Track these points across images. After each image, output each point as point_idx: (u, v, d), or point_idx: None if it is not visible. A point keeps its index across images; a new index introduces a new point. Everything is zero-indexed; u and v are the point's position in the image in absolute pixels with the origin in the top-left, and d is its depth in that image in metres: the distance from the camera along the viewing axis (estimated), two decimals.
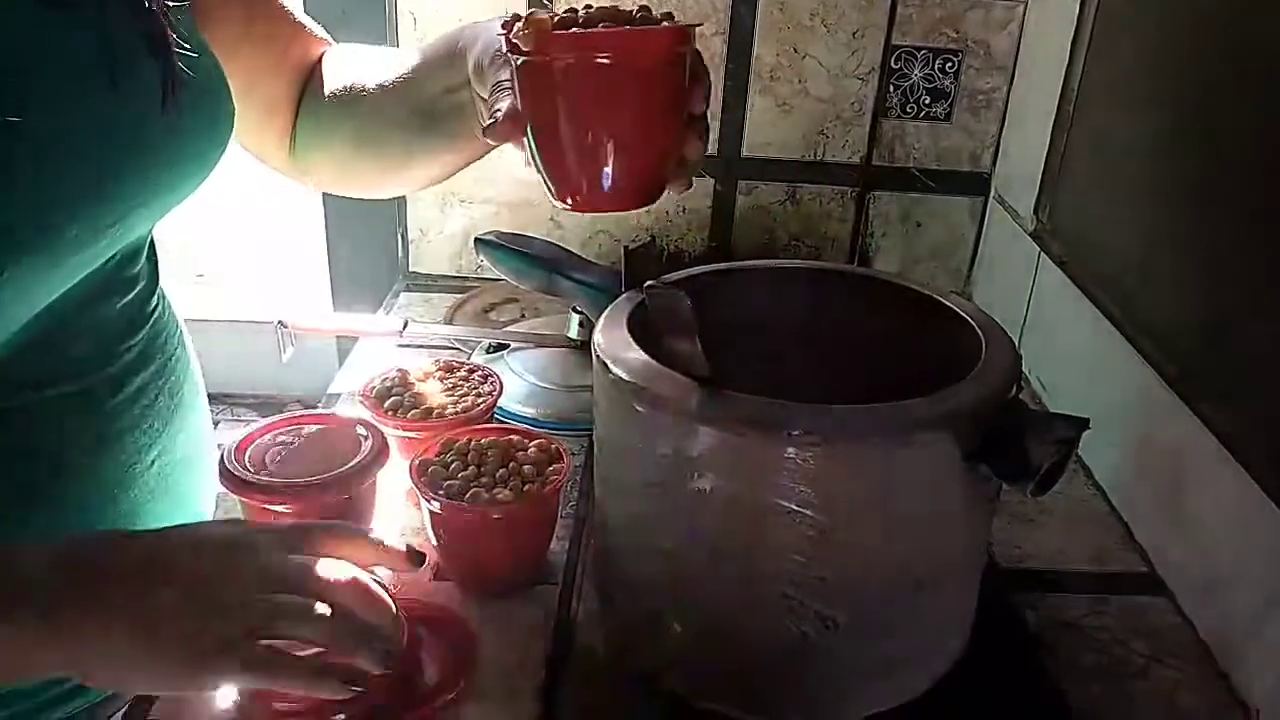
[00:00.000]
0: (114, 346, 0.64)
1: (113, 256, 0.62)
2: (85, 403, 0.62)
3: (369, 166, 0.78)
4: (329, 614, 0.51)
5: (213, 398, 0.78)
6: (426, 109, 0.71)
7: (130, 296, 0.65)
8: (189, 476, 0.71)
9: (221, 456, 0.70)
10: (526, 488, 0.69)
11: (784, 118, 1.19)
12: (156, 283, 0.69)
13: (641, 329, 0.63)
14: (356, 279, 1.47)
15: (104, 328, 0.63)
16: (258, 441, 0.72)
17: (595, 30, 0.57)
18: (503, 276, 1.03)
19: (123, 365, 0.65)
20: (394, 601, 0.55)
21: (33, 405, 0.59)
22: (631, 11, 0.60)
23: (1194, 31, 0.80)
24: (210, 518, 0.74)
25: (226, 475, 0.68)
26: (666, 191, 0.63)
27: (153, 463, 0.67)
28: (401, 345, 1.04)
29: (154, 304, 0.69)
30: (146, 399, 0.66)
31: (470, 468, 0.70)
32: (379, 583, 0.55)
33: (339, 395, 0.98)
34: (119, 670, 0.49)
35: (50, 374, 0.60)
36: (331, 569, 0.53)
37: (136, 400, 0.66)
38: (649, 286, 0.56)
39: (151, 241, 0.69)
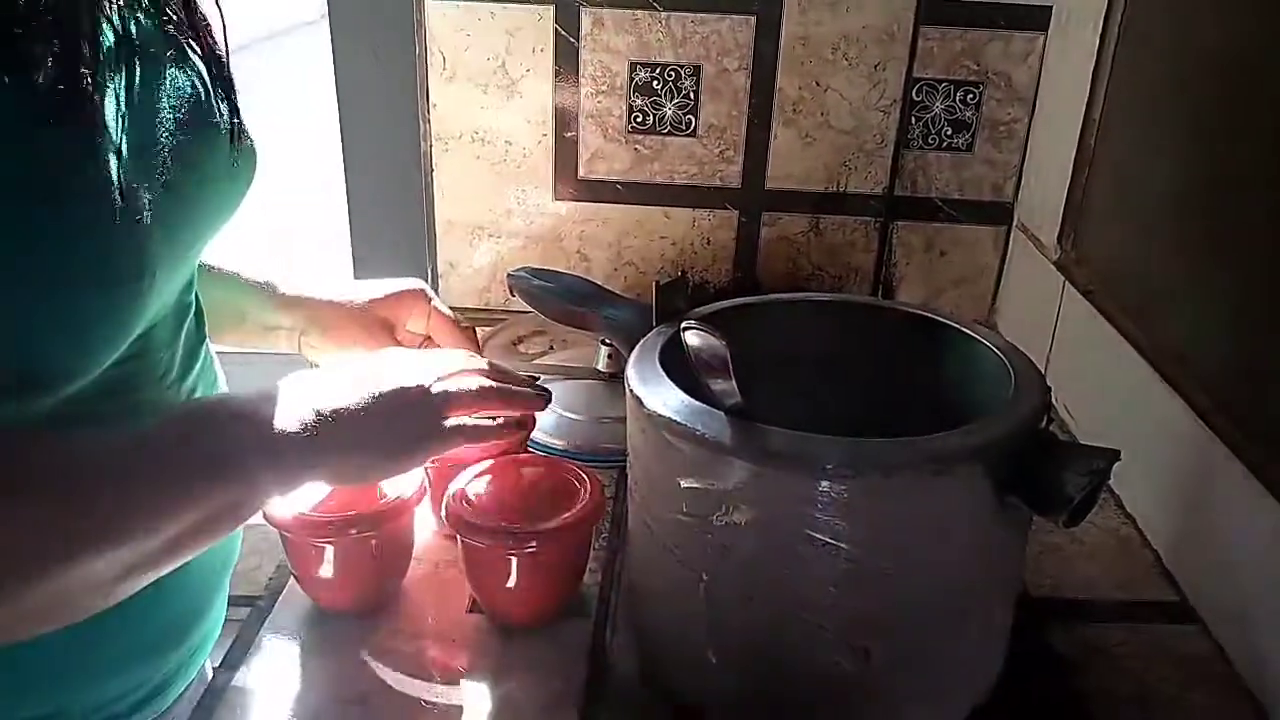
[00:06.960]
0: (183, 366, 0.66)
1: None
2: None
3: None
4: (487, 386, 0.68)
5: None
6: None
7: (188, 320, 0.67)
8: None
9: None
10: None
11: (807, 150, 1.20)
12: (203, 312, 0.71)
13: (673, 363, 0.64)
14: None
15: (176, 345, 0.65)
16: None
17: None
18: (531, 310, 1.04)
19: (185, 386, 0.66)
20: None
21: (109, 415, 0.60)
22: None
23: (1214, 61, 0.81)
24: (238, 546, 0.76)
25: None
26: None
27: None
28: None
29: (202, 331, 0.70)
30: None
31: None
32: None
33: None
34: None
35: (133, 382, 0.61)
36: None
37: None
38: (685, 325, 0.57)
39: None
